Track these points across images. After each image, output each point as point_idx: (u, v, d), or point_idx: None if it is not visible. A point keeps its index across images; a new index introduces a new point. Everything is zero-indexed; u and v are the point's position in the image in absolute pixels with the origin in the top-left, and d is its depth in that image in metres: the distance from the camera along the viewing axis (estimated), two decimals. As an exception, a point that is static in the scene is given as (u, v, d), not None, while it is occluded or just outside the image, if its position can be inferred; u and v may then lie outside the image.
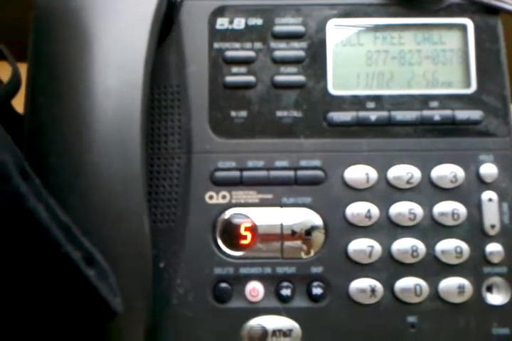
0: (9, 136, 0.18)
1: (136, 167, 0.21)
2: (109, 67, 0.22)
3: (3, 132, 0.18)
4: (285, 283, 0.24)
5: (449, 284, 0.24)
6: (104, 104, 0.21)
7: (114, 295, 0.17)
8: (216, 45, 0.26)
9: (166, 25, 0.25)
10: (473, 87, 0.26)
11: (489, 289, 0.24)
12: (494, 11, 0.26)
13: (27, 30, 0.24)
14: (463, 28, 0.26)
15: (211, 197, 0.25)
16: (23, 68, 0.25)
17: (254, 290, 0.24)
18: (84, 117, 0.21)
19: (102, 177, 0.20)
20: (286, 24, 0.26)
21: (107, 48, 0.22)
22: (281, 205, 0.25)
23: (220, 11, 0.26)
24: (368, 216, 0.24)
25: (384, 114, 0.25)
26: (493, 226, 0.25)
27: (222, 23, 0.26)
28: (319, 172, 0.25)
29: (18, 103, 0.26)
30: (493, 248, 0.24)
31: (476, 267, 0.24)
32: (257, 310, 0.24)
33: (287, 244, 0.24)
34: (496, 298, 0.24)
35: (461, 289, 0.24)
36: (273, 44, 0.26)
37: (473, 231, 0.25)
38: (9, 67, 0.27)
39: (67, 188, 0.20)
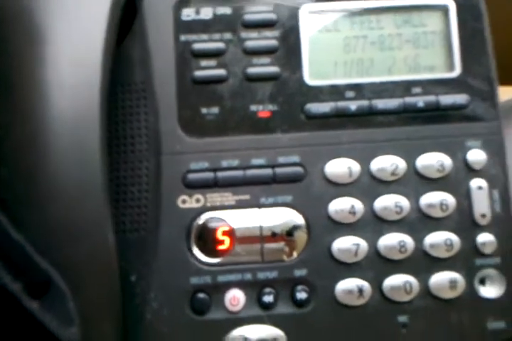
0: None
1: (95, 173, 0.20)
2: (62, 64, 0.20)
3: None
4: (267, 289, 0.23)
5: (440, 279, 0.24)
6: (58, 104, 0.20)
7: (69, 324, 0.16)
8: (183, 38, 0.25)
9: (128, 18, 0.25)
10: (458, 70, 0.25)
11: (482, 282, 0.24)
12: (476, -12, 0.26)
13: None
14: (444, 8, 0.26)
15: (184, 202, 0.24)
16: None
17: (235, 298, 0.23)
18: (37, 120, 0.20)
19: (58, 186, 0.19)
20: (257, 12, 0.25)
21: (59, 42, 0.21)
22: (260, 206, 0.24)
23: (185, 1, 0.25)
24: (352, 212, 0.24)
25: (364, 103, 0.25)
26: (483, 216, 0.24)
27: (188, 13, 0.25)
28: (299, 169, 0.24)
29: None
30: (485, 238, 0.24)
31: (467, 259, 0.24)
32: (238, 320, 0.23)
33: (268, 246, 0.24)
34: (489, 291, 0.24)
35: (452, 284, 0.23)
36: (243, 34, 0.25)
37: (463, 221, 0.24)
38: None
39: (20, 201, 0.19)
